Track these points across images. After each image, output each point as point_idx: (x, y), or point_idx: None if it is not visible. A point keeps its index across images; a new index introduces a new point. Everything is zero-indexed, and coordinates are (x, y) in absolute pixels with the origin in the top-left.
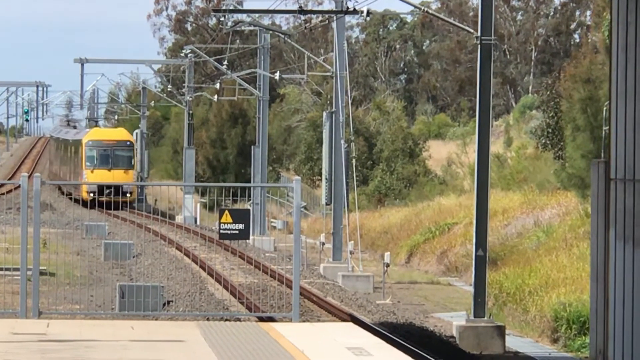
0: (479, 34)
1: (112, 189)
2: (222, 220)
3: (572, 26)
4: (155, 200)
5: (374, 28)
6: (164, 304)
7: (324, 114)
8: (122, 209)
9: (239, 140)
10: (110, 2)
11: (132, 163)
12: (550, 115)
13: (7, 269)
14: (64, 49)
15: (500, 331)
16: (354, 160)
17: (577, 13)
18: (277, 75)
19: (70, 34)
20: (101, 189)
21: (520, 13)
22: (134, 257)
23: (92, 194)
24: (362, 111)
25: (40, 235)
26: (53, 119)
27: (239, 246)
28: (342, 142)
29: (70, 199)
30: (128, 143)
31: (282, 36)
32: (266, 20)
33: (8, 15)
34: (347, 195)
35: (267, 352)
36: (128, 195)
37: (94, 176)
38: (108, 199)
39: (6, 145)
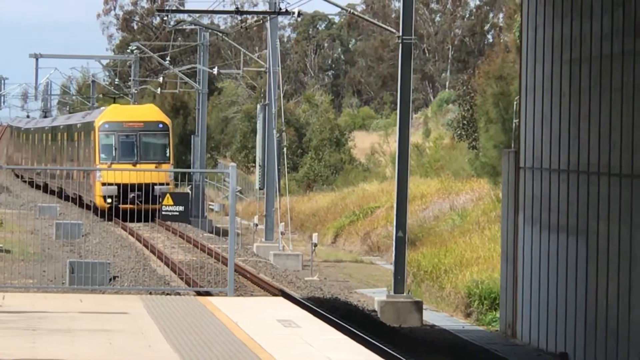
0: (400, 33)
1: (141, 192)
2: (163, 203)
3: (486, 27)
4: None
5: (305, 28)
6: (110, 279)
7: (258, 106)
8: (152, 221)
9: (180, 130)
10: (63, 2)
11: (168, 154)
12: (466, 108)
13: None
14: (20, 45)
15: (418, 306)
16: (285, 149)
17: (491, 15)
18: (215, 71)
19: (26, 31)
20: (123, 191)
21: (438, 15)
22: (83, 236)
23: (109, 200)
24: (293, 104)
25: None
26: (10, 109)
27: (179, 226)
28: (275, 132)
29: (83, 205)
30: (161, 125)
31: (220, 34)
32: (205, 20)
33: None
34: (279, 181)
35: (204, 323)
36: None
37: (112, 174)
38: (133, 206)
39: None
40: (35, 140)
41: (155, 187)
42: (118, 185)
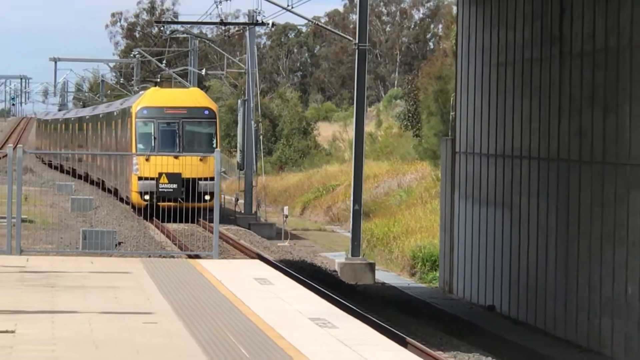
0: (356, 41)
1: (183, 188)
2: (160, 182)
3: (428, 36)
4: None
5: (278, 36)
6: (116, 245)
7: (239, 101)
8: (195, 222)
9: None
10: (78, 15)
11: (215, 145)
12: (411, 103)
13: None
14: (42, 50)
15: (371, 267)
16: (261, 137)
17: (432, 26)
18: (203, 72)
19: (47, 39)
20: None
21: (388, 25)
22: (94, 208)
23: (146, 196)
24: (268, 99)
25: (22, 191)
26: (33, 103)
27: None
28: (252, 122)
29: (121, 199)
30: (207, 112)
31: (208, 42)
32: (195, 30)
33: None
34: (256, 163)
35: (194, 281)
36: (207, 198)
37: (150, 167)
38: (173, 204)
39: None
40: (76, 130)
41: (200, 182)
42: (156, 180)
